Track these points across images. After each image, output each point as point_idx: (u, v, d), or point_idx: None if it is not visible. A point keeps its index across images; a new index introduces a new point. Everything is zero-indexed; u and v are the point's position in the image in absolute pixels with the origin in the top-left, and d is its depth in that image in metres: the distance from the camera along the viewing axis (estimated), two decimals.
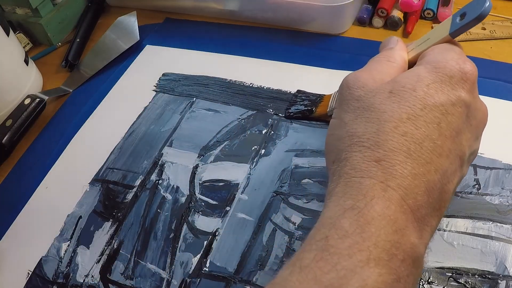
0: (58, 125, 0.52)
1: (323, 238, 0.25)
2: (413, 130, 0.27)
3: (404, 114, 0.27)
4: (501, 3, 0.55)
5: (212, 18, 0.61)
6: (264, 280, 0.35)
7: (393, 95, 0.28)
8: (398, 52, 0.33)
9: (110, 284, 0.37)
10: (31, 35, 0.62)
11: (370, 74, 0.31)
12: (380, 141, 0.27)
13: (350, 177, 0.27)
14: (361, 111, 0.29)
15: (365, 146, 0.27)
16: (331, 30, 0.55)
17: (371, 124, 0.28)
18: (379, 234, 0.24)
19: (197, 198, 0.41)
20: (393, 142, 0.27)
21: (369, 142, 0.27)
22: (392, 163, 0.26)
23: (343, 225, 0.24)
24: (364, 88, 0.30)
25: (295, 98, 0.47)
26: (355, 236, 0.24)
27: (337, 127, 0.30)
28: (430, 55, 0.30)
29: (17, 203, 0.44)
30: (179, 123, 0.47)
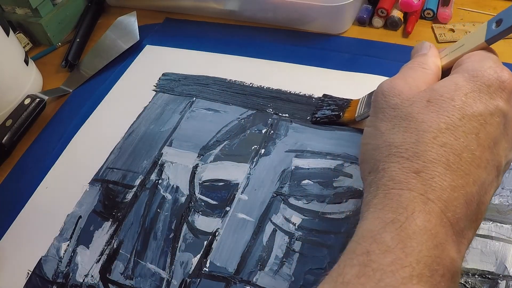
0: (58, 125, 0.52)
1: (364, 253, 0.24)
2: (452, 140, 0.26)
3: (442, 124, 0.27)
4: (501, 3, 0.55)
5: (212, 18, 0.61)
6: (264, 280, 0.35)
7: (431, 104, 0.28)
8: (431, 59, 0.32)
9: (110, 284, 0.37)
10: (31, 35, 0.62)
11: (405, 81, 0.30)
12: (419, 152, 0.26)
13: (389, 188, 0.26)
14: (398, 120, 0.28)
15: (404, 157, 0.27)
16: (331, 30, 0.55)
17: (409, 134, 0.27)
18: (421, 249, 0.24)
19: (197, 198, 0.41)
20: (432, 153, 0.26)
21: (407, 152, 0.27)
22: (432, 175, 0.26)
23: (384, 239, 0.24)
24: (400, 96, 0.29)
25: (321, 102, 0.46)
26: (397, 251, 0.23)
27: (373, 137, 0.30)
28: (467, 63, 0.30)
29: (17, 203, 0.44)
30: (179, 122, 0.47)
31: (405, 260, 0.23)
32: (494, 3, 0.55)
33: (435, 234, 0.24)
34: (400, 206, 0.25)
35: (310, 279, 0.34)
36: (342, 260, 0.25)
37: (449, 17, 0.53)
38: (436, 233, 0.24)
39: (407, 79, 0.30)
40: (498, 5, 0.54)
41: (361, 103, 0.42)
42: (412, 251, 0.23)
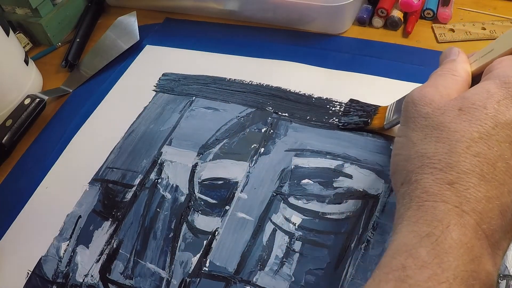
0: (58, 125, 0.52)
1: (400, 268, 0.24)
2: (486, 150, 0.26)
3: (475, 133, 0.26)
4: (501, 3, 0.54)
5: (212, 18, 0.61)
6: (264, 280, 0.35)
7: (463, 113, 0.27)
8: (461, 65, 0.32)
9: (110, 284, 0.37)
10: (31, 35, 0.62)
11: (436, 89, 0.30)
12: (452, 162, 0.26)
13: (423, 201, 0.26)
14: (430, 130, 0.28)
15: (437, 168, 0.26)
16: (331, 30, 0.55)
17: (441, 144, 0.27)
18: (458, 264, 0.23)
19: (197, 197, 0.41)
20: (465, 164, 0.26)
21: (440, 163, 0.26)
22: (466, 186, 0.25)
23: (420, 254, 0.24)
24: (431, 105, 0.29)
25: (348, 107, 0.45)
26: (434, 266, 0.23)
27: (405, 147, 0.29)
28: (498, 69, 0.29)
29: (17, 203, 0.44)
30: (179, 122, 0.47)
31: (441, 275, 0.23)
32: (494, 3, 0.55)
33: (471, 247, 0.24)
34: (435, 219, 0.25)
35: (311, 280, 0.34)
36: (377, 274, 0.25)
37: (449, 17, 0.53)
38: (472, 247, 0.24)
39: (438, 87, 0.30)
40: (498, 5, 0.54)
41: (389, 110, 0.41)
42: (448, 266, 0.23)
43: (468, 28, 0.51)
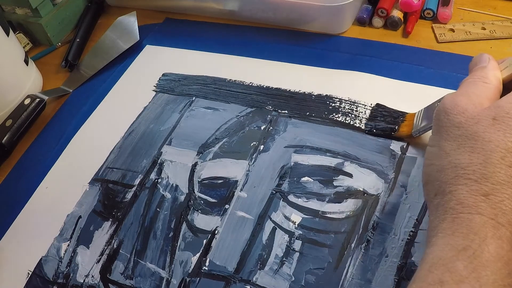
0: (58, 125, 0.52)
1: (437, 282, 0.23)
2: None
3: (510, 144, 0.26)
4: (501, 3, 0.54)
5: (212, 18, 0.61)
6: (264, 280, 0.35)
7: (497, 122, 0.27)
8: (491, 72, 0.31)
9: (110, 284, 0.37)
10: (31, 35, 0.62)
11: (468, 98, 0.29)
12: (487, 173, 0.26)
13: (457, 213, 0.25)
14: (463, 139, 0.28)
15: (471, 179, 0.26)
16: (331, 30, 0.55)
17: (476, 155, 0.26)
18: (495, 278, 0.23)
19: (196, 196, 0.41)
20: (501, 175, 0.25)
21: (475, 174, 0.26)
22: (501, 198, 0.25)
23: (457, 268, 0.23)
24: (464, 114, 0.28)
25: (375, 112, 0.44)
26: (471, 281, 0.23)
27: (438, 157, 0.29)
28: None
29: (17, 203, 0.44)
30: (178, 121, 0.47)
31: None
32: (494, 3, 0.55)
33: (508, 260, 0.24)
34: (471, 231, 0.24)
35: (311, 279, 0.34)
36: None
37: (449, 17, 0.53)
38: (509, 260, 0.24)
39: (470, 96, 0.30)
40: (498, 5, 0.54)
41: (418, 117, 0.40)
42: (486, 280, 0.23)
43: (468, 28, 0.51)
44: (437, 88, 0.44)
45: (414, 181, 0.38)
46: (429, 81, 0.46)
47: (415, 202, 0.37)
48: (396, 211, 0.36)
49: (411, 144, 0.40)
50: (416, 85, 0.46)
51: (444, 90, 0.37)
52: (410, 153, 0.40)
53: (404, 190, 0.38)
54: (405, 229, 0.35)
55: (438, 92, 0.38)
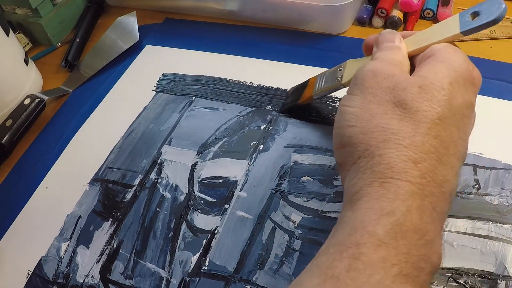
0: (58, 125, 0.52)
1: (354, 245, 0.24)
2: (443, 132, 0.26)
3: (435, 115, 0.27)
4: None
5: (212, 18, 0.61)
6: (264, 279, 0.35)
7: (423, 91, 0.27)
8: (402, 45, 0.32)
9: (110, 284, 0.37)
10: (31, 35, 0.62)
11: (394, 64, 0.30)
12: (416, 142, 0.26)
13: (386, 177, 0.25)
14: (391, 105, 0.28)
15: (402, 144, 0.26)
16: (331, 30, 0.55)
17: (405, 123, 0.27)
18: (411, 248, 0.23)
19: (196, 196, 0.41)
20: (428, 145, 0.26)
21: (405, 141, 0.26)
22: (428, 168, 0.25)
23: (377, 232, 0.24)
24: (392, 79, 0.29)
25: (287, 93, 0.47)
26: (389, 247, 0.23)
27: (361, 119, 0.28)
28: (442, 54, 0.29)
29: (17, 203, 0.44)
30: (178, 121, 0.47)
31: (395, 257, 0.23)
32: None
33: (426, 232, 0.24)
34: (398, 198, 0.25)
35: None
36: (332, 252, 0.25)
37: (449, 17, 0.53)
38: (427, 231, 0.24)
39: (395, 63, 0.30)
40: None
41: (319, 81, 0.41)
42: (402, 248, 0.23)
43: None
44: None
45: None
46: None
47: None
48: None
49: None
50: None
51: None
52: None
53: None
54: None
55: None
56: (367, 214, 0.25)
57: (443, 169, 0.26)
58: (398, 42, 0.32)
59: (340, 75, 0.39)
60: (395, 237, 0.23)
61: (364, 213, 0.25)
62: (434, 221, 0.25)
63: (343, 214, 0.27)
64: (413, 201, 0.24)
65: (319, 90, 0.41)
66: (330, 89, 0.40)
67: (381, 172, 0.26)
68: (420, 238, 0.24)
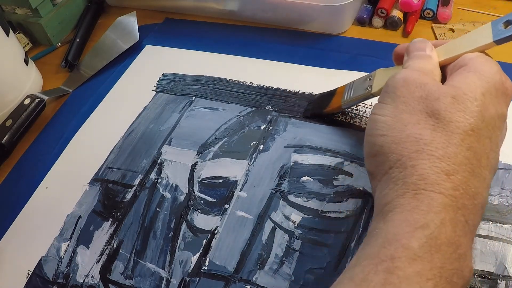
0: (58, 125, 0.52)
1: (389, 258, 0.23)
2: (475, 144, 0.26)
3: (468, 126, 0.26)
4: (501, 3, 0.55)
5: (212, 18, 0.61)
6: (264, 279, 0.35)
7: (456, 102, 0.27)
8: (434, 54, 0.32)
9: (110, 284, 0.37)
10: (31, 35, 0.62)
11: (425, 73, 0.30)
12: (449, 153, 0.26)
13: (419, 188, 0.25)
14: (424, 115, 0.27)
15: (434, 155, 0.26)
16: (331, 30, 0.55)
17: (438, 134, 0.26)
18: (445, 262, 0.23)
19: (196, 196, 0.41)
20: (461, 157, 0.26)
21: (438, 152, 0.26)
22: (461, 180, 0.25)
23: (412, 246, 0.23)
24: (425, 88, 0.28)
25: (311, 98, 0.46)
26: (423, 261, 0.23)
27: (393, 129, 0.28)
28: (475, 64, 0.29)
29: (17, 203, 0.44)
30: (178, 121, 0.47)
31: (429, 272, 0.23)
32: (494, 3, 0.55)
33: (459, 245, 0.24)
34: (432, 211, 0.24)
35: (310, 279, 0.34)
36: (366, 264, 0.24)
37: (449, 17, 0.53)
38: (460, 245, 0.24)
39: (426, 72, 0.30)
40: (498, 5, 0.54)
41: (347, 90, 0.41)
42: (437, 262, 0.23)
43: (468, 28, 0.51)
44: None
45: None
46: None
47: None
48: None
49: None
50: None
51: None
52: None
53: None
54: None
55: None
56: (400, 226, 0.24)
57: (475, 181, 0.26)
58: (429, 51, 0.32)
59: (370, 84, 0.38)
60: (430, 251, 0.23)
61: (397, 225, 0.25)
62: (466, 234, 0.25)
63: (374, 225, 0.27)
64: (446, 214, 0.24)
65: (348, 99, 0.40)
66: (360, 98, 0.39)
67: (413, 183, 0.26)
68: (453, 251, 0.24)
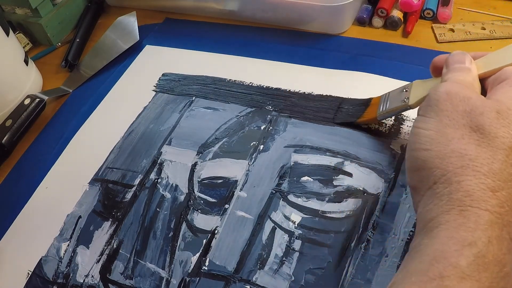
0: (58, 125, 0.52)
1: (438, 277, 0.23)
2: None
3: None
4: (501, 3, 0.54)
5: (212, 18, 0.61)
6: (264, 279, 0.35)
7: (501, 117, 0.27)
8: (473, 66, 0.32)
9: (110, 284, 0.37)
10: (31, 35, 0.62)
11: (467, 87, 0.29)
12: (495, 169, 0.25)
13: (465, 205, 0.25)
14: (468, 130, 0.27)
15: (480, 171, 0.25)
16: (331, 30, 0.55)
17: (484, 149, 0.26)
18: (492, 281, 0.23)
19: (196, 196, 0.41)
20: (506, 173, 0.25)
21: (483, 168, 0.26)
22: (507, 197, 0.25)
23: (460, 264, 0.23)
24: (469, 102, 0.28)
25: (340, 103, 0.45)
26: (472, 280, 0.23)
27: (437, 143, 0.28)
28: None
29: (17, 203, 0.44)
30: (178, 121, 0.47)
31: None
32: (494, 3, 0.55)
33: (505, 264, 0.24)
34: (479, 228, 0.24)
35: (310, 279, 0.34)
36: (415, 281, 0.24)
37: (449, 17, 0.53)
38: (506, 263, 0.24)
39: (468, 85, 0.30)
40: (498, 5, 0.54)
41: (383, 101, 0.40)
42: (485, 282, 0.23)
43: (468, 28, 0.51)
44: None
45: None
46: None
47: None
48: (396, 211, 0.36)
49: None
50: None
51: None
52: None
53: (404, 189, 0.38)
54: (405, 229, 0.35)
55: None
56: (447, 244, 0.24)
57: None
58: (468, 63, 0.32)
59: (406, 96, 0.38)
60: (478, 269, 0.23)
61: (444, 242, 0.24)
62: (511, 252, 0.24)
63: (419, 240, 0.26)
64: (492, 232, 0.24)
65: (384, 111, 0.40)
66: (396, 110, 0.39)
67: (459, 199, 0.25)
68: (499, 270, 0.23)
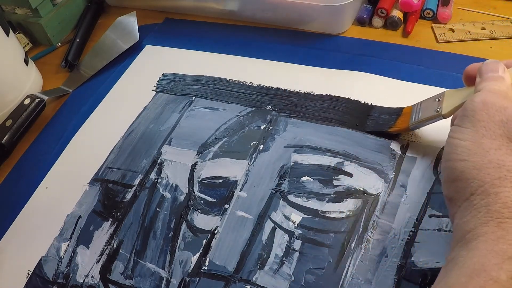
0: (58, 125, 0.52)
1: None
2: None
3: None
4: (501, 3, 0.54)
5: (212, 18, 0.61)
6: (264, 279, 0.35)
7: None
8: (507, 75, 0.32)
9: (110, 284, 0.37)
10: (31, 35, 0.62)
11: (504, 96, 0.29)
12: None
13: (504, 217, 0.25)
14: (505, 140, 0.27)
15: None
16: (331, 30, 0.55)
17: None
18: None
19: (196, 196, 0.41)
20: None
21: None
22: None
23: (501, 278, 0.23)
24: (505, 112, 0.28)
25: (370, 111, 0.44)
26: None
27: (474, 154, 0.28)
28: None
29: (17, 203, 0.44)
30: (178, 121, 0.47)
31: None
32: (494, 3, 0.55)
33: None
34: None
35: (311, 279, 0.34)
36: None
37: (449, 17, 0.53)
38: None
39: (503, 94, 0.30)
40: (498, 5, 0.54)
41: (415, 111, 0.40)
42: None
43: (468, 28, 0.51)
44: (437, 88, 0.44)
45: (414, 181, 0.38)
46: (429, 81, 0.46)
47: (415, 202, 0.37)
48: (396, 211, 0.36)
49: (411, 143, 0.40)
50: (416, 85, 0.46)
51: (444, 89, 0.38)
52: (410, 153, 0.40)
53: (404, 190, 0.38)
54: (405, 229, 0.35)
55: (437, 92, 0.39)
56: (487, 257, 0.24)
57: None
58: (501, 72, 0.32)
59: (439, 106, 0.37)
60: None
61: (483, 255, 0.24)
62: None
63: (457, 252, 0.26)
64: None
65: (416, 121, 0.39)
66: (429, 120, 0.38)
67: (497, 211, 0.25)
68: None
